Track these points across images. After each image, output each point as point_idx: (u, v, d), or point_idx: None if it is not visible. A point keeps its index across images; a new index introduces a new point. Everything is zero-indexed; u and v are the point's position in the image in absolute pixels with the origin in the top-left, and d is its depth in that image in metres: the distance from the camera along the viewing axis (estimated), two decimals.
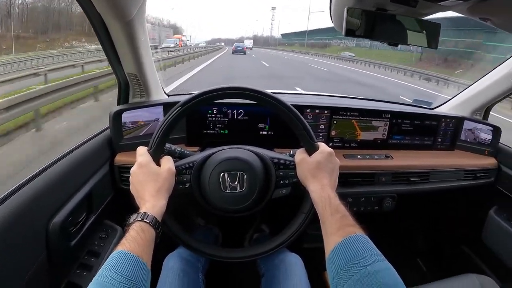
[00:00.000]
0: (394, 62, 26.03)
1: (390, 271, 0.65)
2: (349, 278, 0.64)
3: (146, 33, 1.16)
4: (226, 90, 0.91)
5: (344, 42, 54.28)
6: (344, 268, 0.66)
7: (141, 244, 0.71)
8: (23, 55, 21.47)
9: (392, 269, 0.65)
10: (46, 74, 9.55)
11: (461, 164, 1.53)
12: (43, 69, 10.48)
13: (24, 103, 5.02)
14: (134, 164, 0.88)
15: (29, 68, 12.75)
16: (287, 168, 0.98)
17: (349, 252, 0.68)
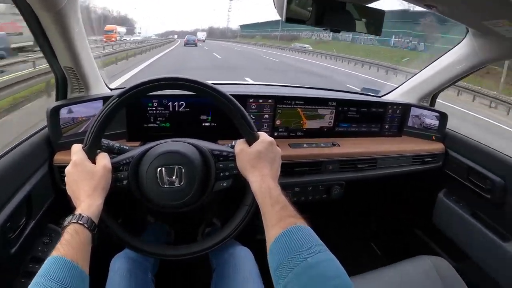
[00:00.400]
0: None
1: (331, 262, 0.63)
2: (290, 271, 0.61)
3: (80, 24, 1.11)
4: (162, 81, 0.87)
5: (317, 34, 51.37)
6: (285, 261, 0.64)
7: (76, 248, 0.68)
8: None
9: (334, 260, 0.64)
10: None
11: (408, 149, 1.57)
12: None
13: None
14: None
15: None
16: (227, 159, 0.96)
17: (289, 244, 0.66)
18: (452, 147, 1.62)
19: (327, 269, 0.62)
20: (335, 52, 29.28)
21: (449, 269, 1.25)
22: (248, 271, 1.07)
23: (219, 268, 1.13)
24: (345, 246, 1.81)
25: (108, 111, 0.85)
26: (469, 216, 1.50)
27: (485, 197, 1.44)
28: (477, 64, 1.44)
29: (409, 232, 1.90)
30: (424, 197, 1.76)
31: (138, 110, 1.31)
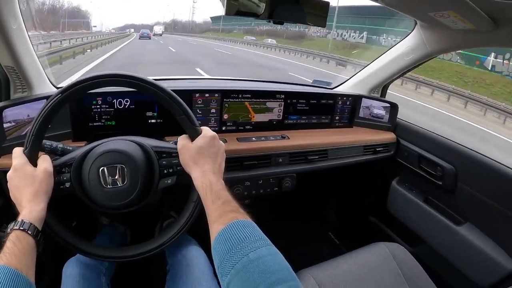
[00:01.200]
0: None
1: (273, 256, 0.62)
2: (232, 267, 0.60)
3: (19, 20, 1.04)
4: (101, 78, 0.84)
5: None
6: (226, 257, 0.62)
7: (19, 255, 0.66)
8: None
9: (277, 254, 0.62)
10: None
11: (360, 140, 1.58)
12: None
13: None
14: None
15: None
16: (170, 156, 0.93)
17: (230, 240, 0.64)
18: (403, 136, 1.66)
19: (269, 264, 0.60)
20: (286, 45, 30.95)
21: (405, 254, 1.28)
22: (201, 270, 1.06)
23: (172, 269, 1.12)
24: (303, 237, 1.83)
25: (46, 111, 0.82)
26: (422, 203, 1.54)
27: (437, 183, 1.48)
28: (425, 56, 1.48)
29: (365, 220, 1.93)
30: (378, 186, 1.79)
31: (83, 108, 1.26)
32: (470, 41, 1.28)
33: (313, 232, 1.96)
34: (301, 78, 10.99)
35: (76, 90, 0.84)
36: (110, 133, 1.01)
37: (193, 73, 10.77)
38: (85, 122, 1.28)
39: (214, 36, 65.26)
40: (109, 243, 1.38)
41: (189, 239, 1.21)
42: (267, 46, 32.89)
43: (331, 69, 17.44)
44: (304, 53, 25.76)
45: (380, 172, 1.77)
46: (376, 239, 1.34)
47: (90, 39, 24.06)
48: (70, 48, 14.86)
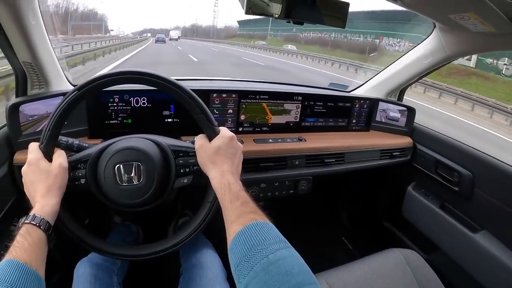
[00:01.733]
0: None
1: (293, 258, 0.61)
2: (250, 269, 0.59)
3: (38, 16, 1.06)
4: (121, 75, 0.85)
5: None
6: (245, 258, 0.61)
7: (28, 250, 0.66)
8: None
9: (296, 256, 0.62)
10: None
11: (376, 144, 1.57)
12: None
13: None
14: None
15: None
16: (187, 155, 0.93)
17: (249, 241, 0.63)
18: (420, 141, 1.64)
19: (289, 266, 0.59)
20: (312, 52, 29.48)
21: (419, 261, 1.27)
22: (215, 274, 1.07)
23: (186, 271, 1.12)
24: (316, 241, 1.81)
25: (64, 107, 0.83)
26: (438, 209, 1.52)
27: (453, 189, 1.45)
28: (444, 59, 1.46)
29: (380, 225, 1.91)
30: (393, 191, 1.77)
31: (99, 106, 1.27)
32: (490, 44, 1.25)
33: (326, 236, 1.95)
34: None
35: (93, 87, 0.84)
36: (126, 131, 1.01)
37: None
38: (101, 119, 1.29)
39: (244, 43, 55.87)
40: (121, 242, 1.39)
41: (204, 241, 1.21)
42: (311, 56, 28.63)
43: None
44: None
45: (395, 177, 1.75)
46: (390, 245, 1.33)
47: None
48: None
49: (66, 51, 13.13)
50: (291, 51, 32.83)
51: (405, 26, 25.20)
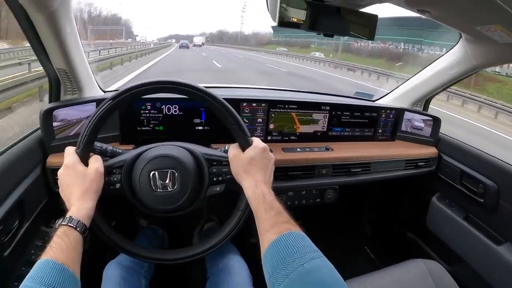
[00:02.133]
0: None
1: (328, 268, 0.63)
2: (286, 277, 0.61)
3: (73, 25, 1.10)
4: (156, 85, 0.88)
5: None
6: (280, 266, 0.63)
7: (66, 250, 0.68)
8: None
9: (330, 266, 0.64)
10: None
11: (402, 154, 1.57)
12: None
13: None
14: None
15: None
16: (220, 164, 0.96)
17: (284, 250, 0.66)
18: (445, 151, 1.63)
19: (324, 276, 0.61)
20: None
21: (443, 272, 1.26)
22: (243, 280, 1.09)
23: (213, 277, 1.14)
24: (339, 250, 1.81)
25: (101, 114, 0.86)
26: (462, 220, 1.51)
27: (478, 201, 1.44)
28: (469, 69, 1.45)
29: (403, 235, 1.90)
30: (417, 201, 1.76)
31: (132, 113, 1.31)
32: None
33: (349, 245, 1.95)
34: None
35: (128, 96, 0.87)
36: (157, 138, 1.04)
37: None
38: (133, 126, 1.33)
39: (285, 52, 45.07)
40: (148, 245, 1.42)
41: (230, 246, 1.23)
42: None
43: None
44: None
45: (420, 187, 1.75)
46: (413, 255, 1.33)
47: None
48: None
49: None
50: (318, 58, 31.66)
51: (432, 33, 24.54)
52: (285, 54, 37.06)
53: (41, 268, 0.63)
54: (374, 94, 1.86)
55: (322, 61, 29.02)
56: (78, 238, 0.73)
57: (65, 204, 0.83)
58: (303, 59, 32.34)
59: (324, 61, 28.84)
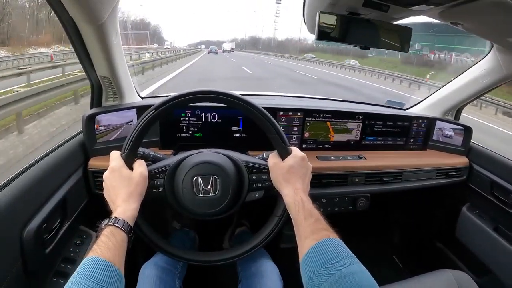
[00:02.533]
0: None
1: (364, 273, 0.66)
2: (324, 281, 0.64)
3: (118, 36, 1.15)
4: (200, 94, 0.91)
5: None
6: (319, 271, 0.66)
7: (113, 249, 0.71)
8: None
9: (366, 272, 0.66)
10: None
11: (433, 163, 1.57)
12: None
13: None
14: (107, 168, 0.88)
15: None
16: (260, 171, 0.99)
17: (323, 255, 0.69)
18: (476, 161, 1.62)
19: (361, 280, 0.64)
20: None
21: (471, 284, 1.25)
22: (274, 285, 1.11)
23: (245, 280, 1.16)
24: (367, 258, 1.80)
25: (146, 122, 0.89)
26: (492, 231, 1.50)
27: (509, 212, 1.43)
28: (501, 79, 1.45)
29: (431, 245, 1.89)
30: (447, 211, 1.76)
31: (172, 120, 1.36)
32: None
33: (377, 253, 1.94)
34: None
35: (179, 102, 0.91)
36: (196, 144, 1.08)
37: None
38: (173, 132, 1.37)
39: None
40: (182, 247, 1.46)
41: (262, 251, 1.25)
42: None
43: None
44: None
45: (450, 197, 1.74)
46: (441, 265, 1.32)
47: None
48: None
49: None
50: (352, 66, 30.74)
51: (467, 39, 23.54)
52: (316, 61, 36.48)
53: (89, 265, 0.66)
54: (406, 103, 1.86)
55: (356, 68, 28.28)
56: (123, 238, 0.76)
57: (109, 205, 0.86)
58: (337, 66, 31.61)
59: (360, 68, 27.83)
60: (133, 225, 0.82)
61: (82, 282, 0.62)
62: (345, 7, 1.05)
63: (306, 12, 1.18)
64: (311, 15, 1.15)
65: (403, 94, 13.06)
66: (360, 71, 26.51)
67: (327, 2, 1.03)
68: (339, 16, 1.03)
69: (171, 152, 1.33)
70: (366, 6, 1.00)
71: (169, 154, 1.18)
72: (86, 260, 0.67)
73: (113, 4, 1.01)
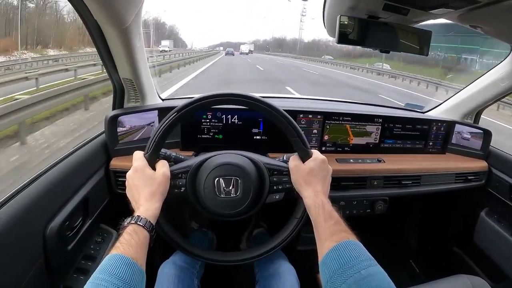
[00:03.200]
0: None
1: (383, 275, 0.67)
2: (343, 282, 0.65)
3: (141, 39, 1.18)
4: (221, 97, 0.93)
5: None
6: (338, 272, 0.68)
7: (135, 247, 0.73)
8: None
9: (385, 273, 0.67)
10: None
11: (452, 167, 1.56)
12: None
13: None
14: (129, 168, 0.90)
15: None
16: (281, 174, 1.00)
17: (342, 256, 0.70)
18: (496, 165, 1.61)
19: (380, 282, 0.65)
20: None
21: None
22: (291, 285, 1.11)
23: (262, 281, 1.17)
24: (384, 261, 1.80)
25: (169, 123, 0.91)
26: (510, 237, 1.48)
27: None
28: None
29: (448, 250, 1.88)
30: (465, 215, 1.74)
31: (193, 122, 1.38)
32: None
33: (394, 257, 1.93)
34: None
35: (201, 105, 0.93)
36: (216, 146, 1.10)
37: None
38: (194, 134, 1.39)
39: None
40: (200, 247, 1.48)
41: (279, 253, 1.26)
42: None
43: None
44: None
45: (468, 201, 1.73)
46: (458, 271, 1.31)
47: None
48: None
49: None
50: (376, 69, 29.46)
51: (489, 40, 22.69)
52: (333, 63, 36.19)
53: (112, 262, 0.67)
54: (424, 106, 1.85)
55: (384, 72, 27.27)
56: (146, 236, 0.77)
57: (131, 204, 0.88)
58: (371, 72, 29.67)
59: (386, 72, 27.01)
60: (155, 223, 0.84)
61: (105, 278, 0.64)
62: (364, 11, 1.06)
63: (326, 15, 1.19)
64: (331, 18, 1.16)
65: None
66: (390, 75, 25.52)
67: (347, 6, 1.04)
68: (359, 19, 1.04)
69: (192, 153, 1.36)
70: (386, 9, 1.01)
71: (190, 155, 1.19)
72: (109, 256, 0.69)
73: (137, 8, 1.04)
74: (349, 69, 29.59)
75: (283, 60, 44.44)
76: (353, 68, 29.80)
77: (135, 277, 0.67)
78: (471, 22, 1.06)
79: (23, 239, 0.83)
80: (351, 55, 45.68)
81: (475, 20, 1.03)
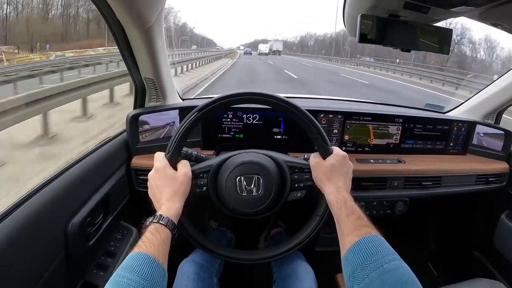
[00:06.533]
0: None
1: (406, 269, 0.68)
2: (366, 276, 0.67)
3: (163, 39, 1.21)
4: (242, 96, 0.95)
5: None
6: (360, 266, 0.69)
7: (157, 245, 0.75)
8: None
9: (408, 268, 0.68)
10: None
11: (473, 168, 1.56)
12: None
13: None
14: (150, 166, 0.93)
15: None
16: (302, 171, 1.02)
17: (365, 251, 0.71)
18: None
19: (402, 276, 0.66)
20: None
21: None
22: (309, 286, 1.12)
23: (279, 281, 1.18)
24: None
25: (190, 123, 0.93)
26: None
27: None
28: None
29: (468, 253, 1.87)
30: (485, 218, 1.74)
31: (214, 121, 1.41)
32: None
33: (412, 259, 1.91)
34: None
35: (222, 104, 0.95)
36: (237, 145, 1.11)
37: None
38: (215, 133, 1.42)
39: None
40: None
41: (297, 253, 1.27)
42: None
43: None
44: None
45: (489, 204, 1.72)
46: (477, 275, 1.30)
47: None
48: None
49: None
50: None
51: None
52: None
53: (134, 260, 0.69)
54: (445, 106, 1.84)
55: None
56: (167, 235, 0.80)
57: (153, 204, 0.90)
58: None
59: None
60: (177, 222, 0.86)
61: (128, 276, 0.66)
62: (385, 10, 1.08)
63: (346, 14, 1.20)
64: (351, 17, 1.17)
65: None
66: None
67: (368, 5, 1.06)
68: (380, 18, 1.06)
69: (212, 152, 1.38)
70: (407, 8, 1.03)
71: (210, 154, 1.21)
72: (131, 254, 0.71)
73: (160, 8, 1.07)
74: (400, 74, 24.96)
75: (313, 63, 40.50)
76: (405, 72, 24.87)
77: (157, 275, 0.69)
78: (493, 20, 1.06)
79: (46, 233, 0.86)
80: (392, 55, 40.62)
81: (496, 18, 1.04)
